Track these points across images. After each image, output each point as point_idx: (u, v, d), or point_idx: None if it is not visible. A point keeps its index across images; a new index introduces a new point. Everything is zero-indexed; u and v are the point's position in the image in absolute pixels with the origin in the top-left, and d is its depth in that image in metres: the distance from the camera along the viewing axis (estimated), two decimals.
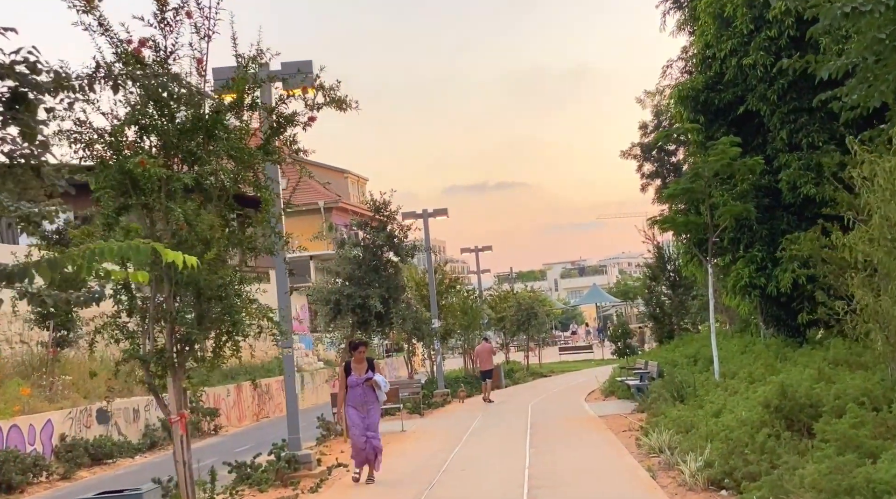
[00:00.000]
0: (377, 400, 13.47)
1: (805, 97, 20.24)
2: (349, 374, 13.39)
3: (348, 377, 13.39)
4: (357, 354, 13.33)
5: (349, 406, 13.44)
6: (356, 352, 13.36)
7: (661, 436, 13.53)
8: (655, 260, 38.89)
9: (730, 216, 19.88)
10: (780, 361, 17.92)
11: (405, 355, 33.51)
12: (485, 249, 45.87)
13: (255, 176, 10.30)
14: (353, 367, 13.39)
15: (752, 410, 12.07)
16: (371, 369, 13.40)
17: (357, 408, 13.37)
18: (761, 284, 20.49)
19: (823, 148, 19.96)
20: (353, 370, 13.37)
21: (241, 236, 10.15)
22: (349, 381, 13.39)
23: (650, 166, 40.60)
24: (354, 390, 13.33)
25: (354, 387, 13.32)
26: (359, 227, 19.82)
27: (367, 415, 13.35)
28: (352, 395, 13.38)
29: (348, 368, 13.48)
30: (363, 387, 13.32)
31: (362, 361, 13.32)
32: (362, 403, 13.34)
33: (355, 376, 13.33)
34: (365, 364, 13.36)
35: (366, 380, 13.28)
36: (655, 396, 19.12)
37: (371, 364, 13.48)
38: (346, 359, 14.54)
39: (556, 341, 76.53)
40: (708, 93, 22.28)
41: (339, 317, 19.08)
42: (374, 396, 13.41)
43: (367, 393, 13.35)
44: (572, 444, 16.05)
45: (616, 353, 36.48)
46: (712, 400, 15.48)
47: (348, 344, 13.95)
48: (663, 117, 38.67)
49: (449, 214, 30.40)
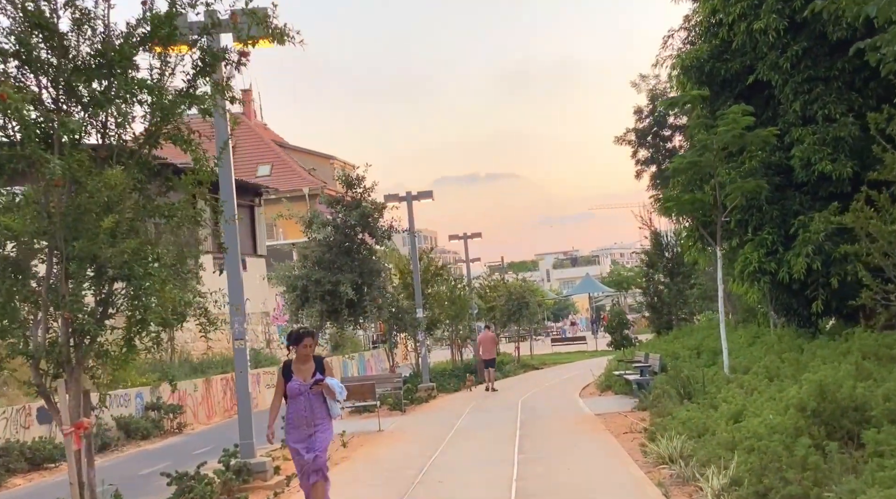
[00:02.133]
0: (328, 415, 9.32)
1: (821, 65, 18.57)
2: (289, 379, 9.27)
3: (287, 383, 9.26)
4: (300, 350, 9.16)
5: (290, 424, 9.30)
6: (299, 346, 9.15)
7: (670, 442, 11.57)
8: (653, 247, 37.13)
9: (740, 194, 17.99)
10: (793, 354, 15.99)
11: (386, 348, 31.55)
12: (474, 235, 43.89)
13: (177, 129, 8.29)
14: (294, 368, 9.29)
15: (783, 413, 10.12)
16: (319, 371, 9.25)
17: (299, 427, 9.22)
18: (772, 269, 18.67)
19: (841, 121, 18.28)
20: (294, 373, 9.26)
21: (154, 204, 8.13)
22: (289, 388, 9.24)
23: (645, 152, 38.99)
24: (296, 402, 9.20)
25: (296, 397, 9.19)
26: (329, 204, 17.76)
27: (314, 437, 9.22)
28: (293, 409, 9.23)
29: (288, 370, 9.33)
30: (309, 396, 9.18)
31: (308, 360, 9.23)
32: (308, 420, 9.20)
33: (298, 380, 9.20)
34: (312, 364, 9.24)
35: (313, 384, 9.14)
36: (659, 392, 17.21)
37: (320, 364, 9.32)
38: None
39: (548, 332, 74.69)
40: (714, 62, 20.55)
41: (306, 305, 17.08)
42: (325, 409, 9.27)
43: (314, 406, 9.19)
44: (567, 450, 14.07)
45: (612, 344, 34.59)
46: (726, 399, 13.55)
47: (288, 336, 9.31)
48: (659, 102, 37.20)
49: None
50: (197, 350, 30.89)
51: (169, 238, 8.22)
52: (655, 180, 36.43)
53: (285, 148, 58.07)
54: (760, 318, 24.90)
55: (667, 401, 16.04)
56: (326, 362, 9.43)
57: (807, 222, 18.14)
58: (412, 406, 24.47)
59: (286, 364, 9.52)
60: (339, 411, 9.51)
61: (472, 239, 43.95)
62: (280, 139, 60.55)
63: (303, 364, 9.32)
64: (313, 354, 9.39)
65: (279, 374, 9.56)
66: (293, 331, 9.34)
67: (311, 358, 9.34)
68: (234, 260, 12.72)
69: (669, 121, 37.16)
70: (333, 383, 9.32)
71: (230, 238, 12.79)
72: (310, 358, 9.33)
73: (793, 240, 18.31)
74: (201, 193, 8.37)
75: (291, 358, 9.34)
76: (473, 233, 43.83)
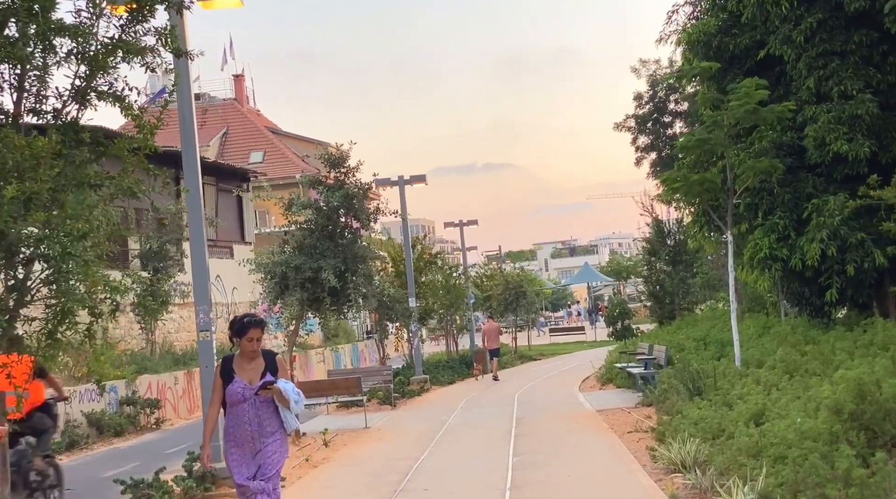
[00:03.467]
0: (281, 428, 7.24)
1: (837, 38, 17.49)
2: (230, 380, 7.18)
3: (227, 386, 7.18)
4: (245, 344, 7.13)
5: (229, 441, 7.24)
6: (244, 339, 7.12)
7: (683, 446, 10.32)
8: (654, 234, 35.91)
9: (752, 175, 16.79)
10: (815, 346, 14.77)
11: (376, 339, 30.36)
12: (470, 223, 42.59)
13: (110, 84, 7.02)
14: (237, 367, 7.20)
15: (814, 416, 8.88)
16: (270, 371, 7.21)
17: (242, 445, 7.15)
18: (783, 256, 17.54)
19: (858, 98, 17.25)
20: (236, 373, 7.18)
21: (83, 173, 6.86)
22: (228, 392, 7.15)
23: (645, 139, 37.97)
24: (238, 412, 7.13)
25: (238, 404, 7.13)
26: (310, 185, 16.46)
27: (262, 457, 7.15)
28: (234, 420, 7.16)
29: (229, 368, 7.21)
30: (255, 403, 7.13)
31: (256, 357, 7.20)
32: (253, 435, 7.13)
33: (241, 383, 7.13)
34: (261, 362, 7.20)
35: (260, 388, 7.09)
36: (665, 387, 15.98)
37: (272, 362, 7.27)
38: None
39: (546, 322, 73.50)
40: (722, 37, 19.48)
41: (286, 293, 15.80)
42: (277, 420, 7.20)
43: (262, 416, 7.13)
44: (567, 453, 12.79)
45: (613, 335, 33.38)
46: (742, 396, 12.31)
47: (230, 325, 7.30)
48: (659, 87, 36.34)
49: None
50: (180, 341, 29.68)
51: (102, 211, 6.94)
52: (656, 168, 35.49)
53: (278, 134, 56.75)
54: (770, 307, 23.74)
55: (674, 397, 14.82)
56: (280, 360, 7.35)
57: (821, 206, 17.16)
58: (403, 400, 23.28)
59: (226, 361, 7.29)
60: (295, 423, 7.26)
61: (468, 227, 42.67)
62: (273, 125, 59.22)
63: (249, 362, 7.18)
64: (262, 348, 7.31)
65: (216, 374, 7.26)
66: (236, 318, 7.25)
67: (260, 354, 7.21)
68: (199, 244, 11.43)
69: (670, 107, 36.36)
70: (287, 387, 7.13)
71: (194, 219, 11.52)
72: (258, 354, 7.19)
73: (806, 225, 17.31)
74: (139, 160, 7.10)
75: (234, 353, 7.28)
76: (469, 220, 42.57)
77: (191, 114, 11.03)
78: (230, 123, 56.53)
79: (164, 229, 19.75)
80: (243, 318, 7.24)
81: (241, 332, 7.16)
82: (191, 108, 11.06)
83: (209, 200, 34.86)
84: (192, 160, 11.28)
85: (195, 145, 11.16)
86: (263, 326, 7.22)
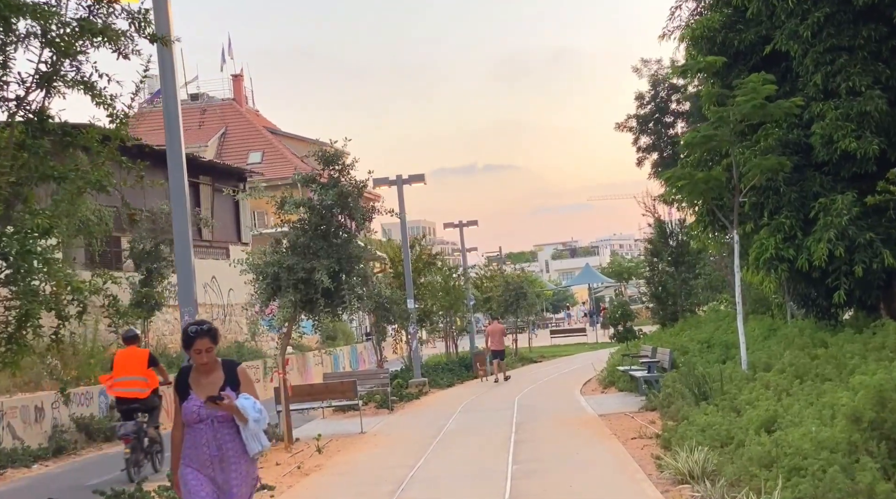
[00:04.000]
0: (244, 453, 6.14)
1: (845, 33, 17.09)
2: (185, 397, 6.17)
3: (184, 402, 6.18)
4: (194, 356, 6.09)
5: (186, 465, 6.18)
6: (191, 351, 6.08)
7: (690, 455, 9.82)
8: (657, 234, 35.40)
9: (759, 173, 16.31)
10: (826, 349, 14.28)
11: (374, 341, 29.84)
12: (470, 223, 42.07)
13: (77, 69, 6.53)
14: (193, 381, 6.18)
15: (830, 424, 8.38)
16: (231, 384, 6.13)
17: (202, 466, 6.13)
18: (790, 256, 17.05)
19: (866, 94, 16.86)
20: (192, 388, 6.16)
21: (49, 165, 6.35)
22: (184, 411, 6.17)
23: (647, 139, 37.58)
24: (195, 434, 6.12)
25: (195, 425, 6.12)
26: (304, 183, 15.95)
27: (226, 483, 6.13)
28: (191, 443, 6.15)
29: (184, 383, 6.20)
30: (213, 424, 6.09)
31: (213, 370, 6.14)
32: (213, 461, 6.10)
33: (197, 400, 6.10)
34: (220, 374, 6.15)
35: (207, 401, 5.99)
36: (670, 391, 15.48)
37: (232, 374, 6.19)
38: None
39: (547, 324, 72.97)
40: (726, 32, 19.03)
41: (278, 294, 15.29)
42: (239, 444, 6.13)
43: (223, 439, 6.10)
44: (569, 461, 12.26)
45: (615, 337, 32.84)
46: (751, 401, 11.81)
47: (182, 333, 6.26)
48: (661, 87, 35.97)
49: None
50: (175, 343, 29.18)
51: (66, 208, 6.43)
52: (657, 168, 35.07)
53: (277, 135, 56.27)
54: (775, 309, 23.25)
55: (680, 401, 14.31)
56: (242, 371, 6.24)
57: (828, 205, 16.71)
58: (401, 404, 22.79)
59: (181, 374, 6.26)
60: (257, 445, 6.11)
61: (468, 227, 42.16)
62: (272, 126, 58.76)
63: (205, 376, 6.10)
64: (219, 359, 6.22)
65: (173, 389, 6.28)
66: (185, 325, 6.18)
67: (220, 366, 6.17)
68: (184, 243, 10.94)
69: (672, 107, 35.99)
70: (246, 403, 5.98)
71: (179, 218, 11.02)
72: (216, 366, 6.14)
73: (813, 224, 16.84)
74: (109, 151, 6.60)
75: (191, 364, 6.24)
76: (469, 221, 42.06)
77: (175, 106, 10.51)
78: (229, 124, 56.09)
79: (136, 226, 19.30)
80: (188, 327, 6.08)
81: (186, 344, 6.05)
82: (175, 100, 10.54)
83: (205, 200, 34.40)
84: (176, 155, 10.77)
85: (180, 139, 10.65)
86: (215, 336, 6.08)
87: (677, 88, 34.72)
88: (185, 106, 58.03)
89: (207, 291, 31.49)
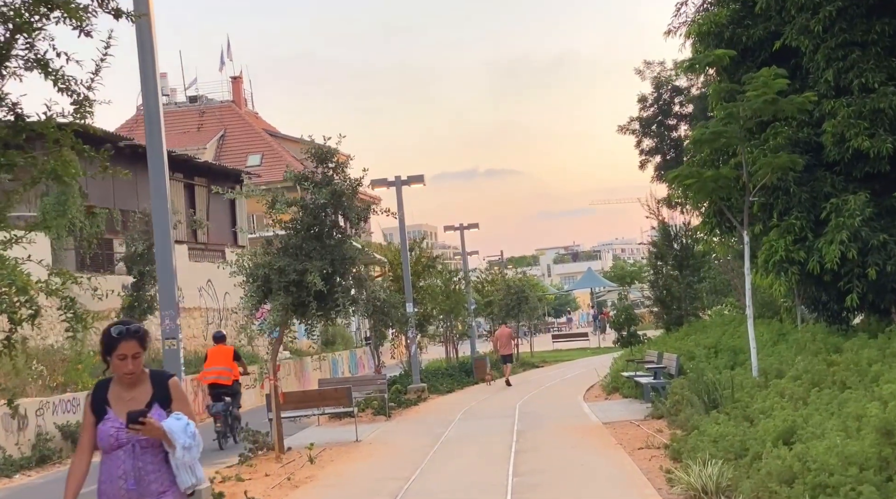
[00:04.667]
0: (172, 486, 4.83)
1: (858, 27, 16.67)
2: (102, 414, 4.84)
3: (100, 422, 4.83)
4: (117, 363, 4.80)
5: (102, 495, 4.84)
6: (114, 356, 4.80)
7: (704, 469, 9.16)
8: (661, 237, 34.77)
9: (770, 171, 15.72)
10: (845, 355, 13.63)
11: (371, 347, 29.21)
12: (470, 226, 41.43)
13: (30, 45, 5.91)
14: (112, 397, 4.88)
15: (857, 436, 7.73)
16: (160, 401, 4.87)
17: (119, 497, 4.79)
18: (800, 258, 16.49)
19: (880, 91, 16.48)
20: (111, 405, 4.85)
21: None
22: (99, 434, 4.82)
23: (650, 142, 37.07)
24: (112, 462, 4.78)
25: (112, 451, 4.78)
26: (295, 181, 15.32)
27: None
28: (106, 470, 4.80)
29: (101, 399, 4.89)
30: (133, 449, 4.77)
31: (140, 381, 4.89)
32: (131, 494, 4.77)
33: (117, 419, 4.78)
34: (147, 388, 4.89)
35: (128, 423, 4.68)
36: (678, 398, 14.84)
37: (162, 388, 4.91)
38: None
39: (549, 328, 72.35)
40: (734, 28, 18.58)
41: (269, 297, 14.65)
42: (166, 474, 4.82)
43: (144, 468, 4.78)
44: (573, 473, 11.58)
45: (619, 342, 32.19)
46: (765, 410, 11.17)
47: (102, 336, 4.83)
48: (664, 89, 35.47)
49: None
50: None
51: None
52: (660, 171, 34.52)
53: (277, 137, 55.69)
54: (784, 313, 22.62)
55: (688, 409, 13.67)
56: (175, 385, 4.96)
57: (840, 206, 16.18)
58: (399, 410, 22.17)
59: (98, 389, 4.94)
60: (189, 477, 4.82)
61: (469, 230, 41.54)
62: (272, 128, 58.18)
63: (128, 389, 4.84)
64: (146, 370, 4.94)
65: (86, 407, 4.95)
66: (107, 327, 4.85)
67: (148, 378, 4.91)
68: (165, 241, 10.29)
69: (675, 110, 35.47)
70: (176, 425, 4.73)
71: (159, 216, 10.39)
72: (140, 379, 4.87)
73: (824, 226, 16.34)
74: (66, 137, 5.98)
75: (110, 376, 4.94)
76: (470, 223, 41.43)
77: (155, 92, 9.85)
78: (228, 126, 55.54)
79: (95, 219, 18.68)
80: (111, 327, 4.83)
81: (108, 347, 4.79)
82: (155, 86, 9.87)
83: (200, 202, 33.77)
84: (157, 149, 10.13)
85: (160, 131, 10.01)
86: (143, 339, 4.84)
87: (680, 91, 34.28)
88: (184, 108, 57.63)
89: (203, 294, 30.85)
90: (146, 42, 9.44)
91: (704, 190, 16.56)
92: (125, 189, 27.42)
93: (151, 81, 9.64)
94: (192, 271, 29.41)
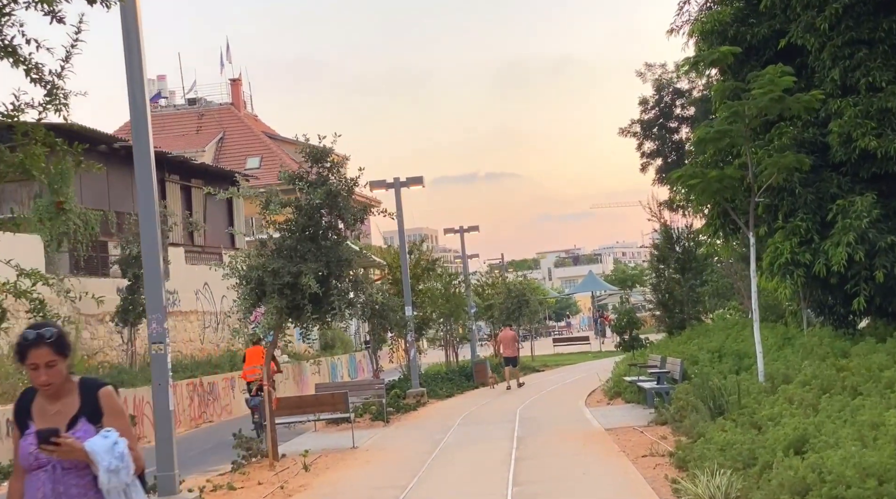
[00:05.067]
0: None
1: (865, 25, 16.42)
2: (24, 428, 4.17)
3: (23, 438, 4.15)
4: (30, 373, 4.09)
5: None
6: (25, 365, 4.09)
7: (711, 479, 8.78)
8: (663, 240, 34.42)
9: (776, 171, 15.37)
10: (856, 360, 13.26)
11: (370, 351, 28.83)
12: (471, 229, 41.11)
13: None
14: (37, 408, 4.19)
15: (874, 446, 7.35)
16: (88, 414, 4.16)
17: None
18: (806, 261, 16.14)
19: (888, 90, 16.27)
20: (34, 418, 4.16)
21: None
22: (21, 449, 4.14)
23: (651, 145, 36.79)
24: (32, 482, 4.09)
25: (34, 471, 4.09)
26: (289, 181, 14.96)
27: None
28: (29, 487, 4.10)
29: (24, 411, 4.20)
30: (54, 470, 4.06)
31: (66, 393, 4.18)
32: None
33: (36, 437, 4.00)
34: (73, 399, 4.18)
35: (41, 443, 3.94)
36: (682, 404, 14.46)
37: (91, 400, 4.18)
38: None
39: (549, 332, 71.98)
40: (738, 26, 18.29)
41: (263, 300, 14.29)
42: (93, 491, 4.07)
43: (66, 491, 4.06)
44: (575, 483, 11.18)
45: (620, 346, 31.79)
46: (773, 417, 10.80)
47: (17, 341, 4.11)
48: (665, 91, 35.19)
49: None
50: None
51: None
52: (661, 173, 34.21)
53: (276, 140, 55.39)
54: (789, 316, 22.25)
55: (693, 416, 13.30)
56: (106, 395, 4.25)
57: (847, 207, 15.89)
58: (398, 415, 21.77)
59: (22, 399, 4.30)
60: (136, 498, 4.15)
61: (469, 233, 41.21)
62: (271, 131, 57.90)
63: (52, 402, 4.19)
64: (75, 379, 4.28)
65: (13, 420, 4.32)
66: (23, 332, 4.15)
67: (76, 388, 4.23)
68: (152, 242, 9.93)
69: (676, 112, 35.18)
70: (98, 445, 4.01)
71: (146, 219, 10.02)
72: (65, 390, 4.20)
73: (830, 227, 16.06)
74: (37, 130, 5.62)
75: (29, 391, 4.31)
76: (470, 226, 41.10)
77: (141, 85, 9.49)
78: (227, 128, 55.24)
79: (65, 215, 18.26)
80: (23, 335, 4.14)
81: (19, 355, 4.13)
82: (141, 79, 9.51)
83: (197, 204, 33.41)
84: (143, 145, 9.76)
85: (147, 125, 9.65)
86: (61, 345, 4.12)
87: (682, 93, 34.03)
88: (183, 110, 57.34)
89: (199, 297, 30.47)
90: (131, 32, 9.08)
91: (708, 191, 16.21)
92: (120, 191, 27.07)
93: (137, 68, 9.28)
94: (188, 274, 29.06)
